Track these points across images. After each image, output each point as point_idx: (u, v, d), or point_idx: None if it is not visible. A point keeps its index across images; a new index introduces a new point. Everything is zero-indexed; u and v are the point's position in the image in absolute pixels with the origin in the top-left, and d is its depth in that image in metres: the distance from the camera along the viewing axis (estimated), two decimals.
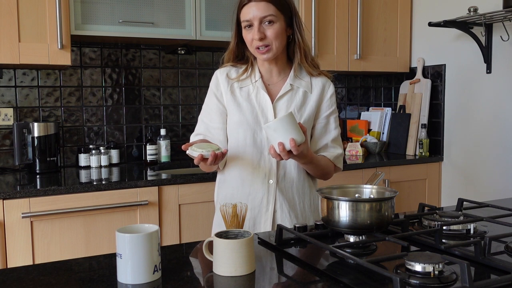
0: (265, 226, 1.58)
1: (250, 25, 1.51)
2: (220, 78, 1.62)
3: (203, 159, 1.41)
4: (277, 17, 1.50)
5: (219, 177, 1.68)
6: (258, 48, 1.52)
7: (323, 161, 1.59)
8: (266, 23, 1.49)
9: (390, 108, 3.33)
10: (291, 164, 1.59)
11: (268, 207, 1.58)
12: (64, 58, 2.34)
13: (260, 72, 1.61)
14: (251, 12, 1.49)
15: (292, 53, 1.61)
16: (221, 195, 1.65)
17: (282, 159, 1.40)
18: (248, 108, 1.58)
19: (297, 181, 1.60)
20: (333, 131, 1.65)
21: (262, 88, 1.59)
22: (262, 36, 1.49)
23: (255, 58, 1.62)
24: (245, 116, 1.57)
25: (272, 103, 1.58)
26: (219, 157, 1.42)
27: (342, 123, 3.39)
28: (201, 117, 1.67)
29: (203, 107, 1.67)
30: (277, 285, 1.00)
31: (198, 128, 1.66)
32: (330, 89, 1.65)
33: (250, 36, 1.52)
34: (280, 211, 1.58)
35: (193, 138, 1.64)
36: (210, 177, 2.32)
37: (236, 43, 1.60)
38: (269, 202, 1.58)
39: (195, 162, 1.42)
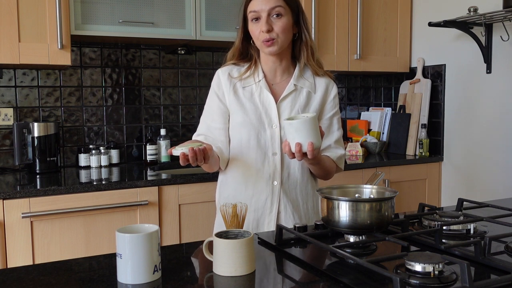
0: (268, 228, 1.57)
1: (257, 18, 1.50)
2: (222, 78, 1.61)
3: (187, 157, 1.37)
4: (285, 10, 1.50)
5: (221, 178, 1.67)
6: (264, 41, 1.51)
7: (327, 162, 1.59)
8: (274, 16, 1.49)
9: (390, 108, 3.33)
10: (295, 166, 1.59)
11: (272, 209, 1.57)
12: (64, 58, 2.34)
13: (263, 72, 1.60)
14: (259, 4, 1.49)
15: (297, 52, 1.60)
16: (223, 196, 1.64)
17: (294, 157, 1.38)
18: (252, 108, 1.57)
19: (300, 182, 1.60)
20: (336, 132, 1.65)
21: (265, 88, 1.58)
22: (269, 28, 1.49)
23: (259, 56, 1.61)
24: (248, 116, 1.56)
25: (276, 103, 1.58)
26: (199, 154, 1.36)
27: (342, 123, 3.39)
28: (203, 118, 1.66)
29: (205, 107, 1.66)
30: (277, 285, 1.00)
31: (200, 128, 1.65)
32: (334, 90, 1.65)
33: (257, 29, 1.51)
34: (284, 213, 1.57)
35: (194, 138, 1.63)
36: (210, 177, 2.32)
37: (241, 39, 1.59)
38: (273, 204, 1.57)
39: (181, 162, 1.38)
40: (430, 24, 2.81)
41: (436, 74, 3.09)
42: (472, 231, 1.24)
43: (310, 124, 1.35)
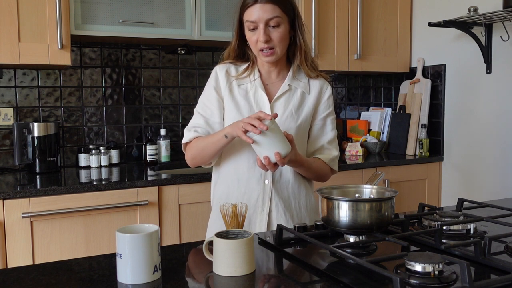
0: (260, 226, 1.57)
1: (255, 27, 1.49)
2: (220, 74, 1.61)
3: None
4: (282, 18, 1.49)
5: (214, 175, 1.68)
6: (262, 50, 1.51)
7: (315, 164, 1.59)
8: (272, 25, 1.49)
9: (390, 108, 3.33)
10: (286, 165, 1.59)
11: (263, 207, 1.57)
12: (64, 58, 2.34)
13: (259, 71, 1.61)
14: (256, 14, 1.47)
15: (292, 54, 1.61)
16: (217, 193, 1.65)
17: (268, 170, 1.43)
18: (246, 107, 1.58)
19: (293, 181, 1.60)
20: (330, 132, 1.65)
21: (260, 87, 1.58)
22: (267, 39, 1.48)
23: (256, 57, 1.61)
24: (242, 114, 1.56)
25: (270, 103, 1.58)
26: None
27: (342, 123, 3.39)
28: (198, 111, 1.63)
29: (201, 100, 1.64)
30: (277, 285, 1.00)
31: (196, 121, 1.62)
32: (328, 91, 1.65)
33: (254, 38, 1.51)
34: (276, 211, 1.58)
35: (190, 131, 1.61)
36: (210, 177, 2.31)
37: (237, 42, 1.59)
38: (264, 202, 1.57)
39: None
40: (430, 24, 2.81)
41: (436, 74, 3.09)
42: (472, 231, 1.24)
43: (271, 135, 1.36)
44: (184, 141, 1.62)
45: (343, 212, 1.14)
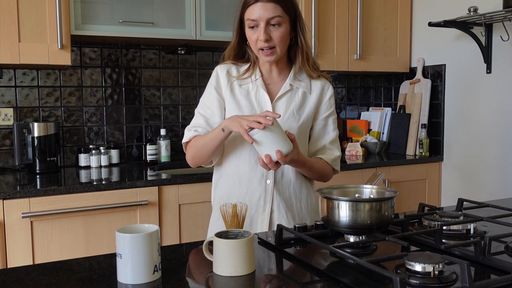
0: (262, 226, 1.57)
1: (255, 25, 1.49)
2: (221, 74, 1.61)
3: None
4: (284, 18, 1.49)
5: (215, 175, 1.68)
6: (262, 50, 1.51)
7: (317, 164, 1.59)
8: (273, 25, 1.48)
9: (390, 108, 3.33)
10: (288, 165, 1.59)
11: (265, 207, 1.57)
12: (64, 58, 2.34)
13: (260, 71, 1.61)
14: (257, 12, 1.47)
15: (293, 54, 1.60)
16: (219, 193, 1.64)
17: (270, 169, 1.43)
18: (247, 106, 1.58)
19: (294, 181, 1.60)
20: (332, 132, 1.65)
21: (262, 87, 1.58)
22: (268, 38, 1.48)
23: (257, 57, 1.61)
24: (243, 114, 1.56)
25: (272, 102, 1.58)
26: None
27: (342, 123, 3.39)
28: (199, 111, 1.64)
29: (202, 100, 1.64)
30: (277, 285, 1.00)
31: (197, 121, 1.62)
32: (329, 91, 1.65)
33: (255, 36, 1.50)
34: (277, 212, 1.58)
35: (190, 131, 1.61)
36: (210, 177, 2.31)
37: (237, 41, 1.59)
38: (266, 202, 1.57)
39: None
40: (430, 24, 2.81)
41: (436, 74, 3.09)
42: (472, 231, 1.24)
43: (272, 133, 1.36)
44: (184, 140, 1.62)
45: (343, 212, 1.14)
